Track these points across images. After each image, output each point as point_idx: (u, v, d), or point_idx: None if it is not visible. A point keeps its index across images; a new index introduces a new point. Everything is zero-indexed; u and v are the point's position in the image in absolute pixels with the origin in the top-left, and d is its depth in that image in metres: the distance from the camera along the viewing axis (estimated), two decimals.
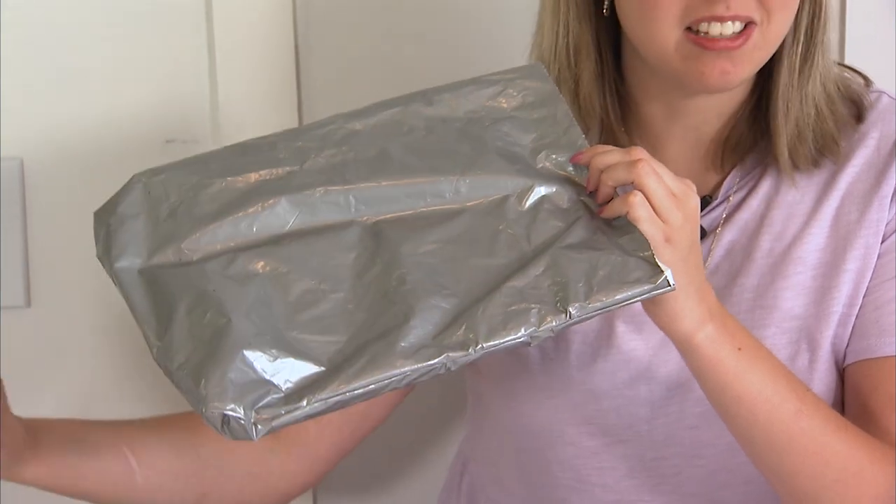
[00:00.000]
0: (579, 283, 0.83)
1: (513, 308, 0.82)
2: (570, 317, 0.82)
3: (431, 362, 0.81)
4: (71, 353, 1.39)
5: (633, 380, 1.02)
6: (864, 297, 1.02)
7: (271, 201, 0.87)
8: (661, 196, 0.86)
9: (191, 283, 0.85)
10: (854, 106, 1.06)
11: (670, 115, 1.06)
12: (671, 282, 0.82)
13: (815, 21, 1.02)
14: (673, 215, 0.86)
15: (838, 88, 1.06)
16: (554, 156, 0.92)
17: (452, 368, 0.81)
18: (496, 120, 0.94)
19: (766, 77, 1.04)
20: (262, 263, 0.85)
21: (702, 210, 1.05)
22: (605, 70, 1.07)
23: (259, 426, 0.79)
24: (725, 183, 1.05)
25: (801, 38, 1.02)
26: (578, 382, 1.04)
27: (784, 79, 1.02)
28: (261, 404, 0.79)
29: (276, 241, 0.86)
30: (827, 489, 0.93)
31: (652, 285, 0.82)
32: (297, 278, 0.85)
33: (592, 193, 0.90)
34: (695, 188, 0.89)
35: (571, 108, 1.04)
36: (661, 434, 1.03)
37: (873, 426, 0.99)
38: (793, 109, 1.02)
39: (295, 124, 1.40)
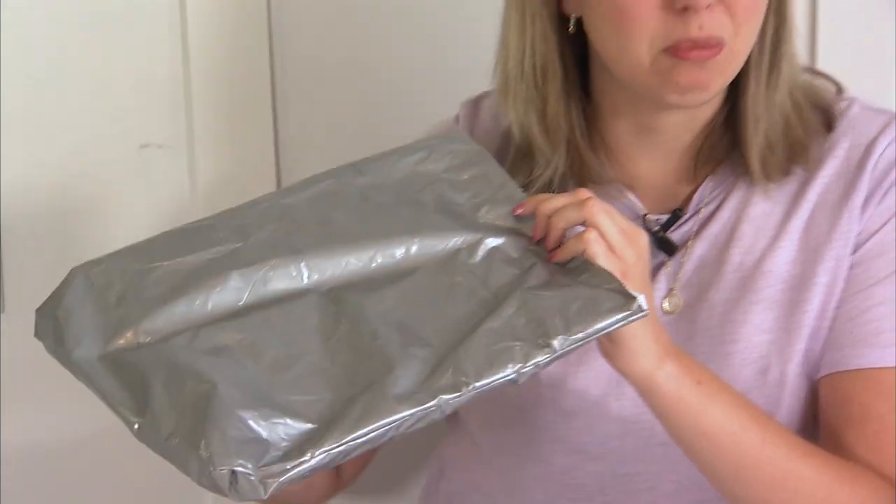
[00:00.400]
0: (555, 319, 0.84)
1: (495, 347, 0.83)
2: (554, 351, 0.82)
3: (427, 405, 0.81)
4: (46, 356, 1.28)
5: (603, 396, 1.03)
6: (836, 308, 1.02)
7: (222, 278, 0.88)
8: (614, 233, 0.87)
9: (159, 360, 0.85)
10: (823, 114, 1.07)
11: (640, 131, 1.06)
12: (644, 307, 0.83)
13: (780, 31, 1.02)
14: (627, 252, 0.86)
15: (807, 96, 1.07)
16: (494, 210, 0.93)
17: (447, 411, 0.81)
18: (429, 182, 0.96)
19: (734, 90, 1.04)
20: (226, 336, 0.86)
21: (672, 224, 1.06)
22: (571, 88, 1.07)
23: (268, 482, 0.78)
24: (696, 196, 1.05)
25: (767, 49, 1.03)
26: (549, 401, 1.04)
27: (752, 89, 1.02)
28: (264, 461, 0.79)
29: (233, 316, 0.87)
30: None
31: (628, 311, 0.83)
32: (264, 346, 0.85)
33: (540, 242, 0.91)
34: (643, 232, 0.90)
35: (538, 128, 1.05)
36: (632, 449, 1.03)
37: (841, 441, 1.00)
38: (761, 120, 1.03)
39: (269, 128, 1.42)
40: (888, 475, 0.97)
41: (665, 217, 1.07)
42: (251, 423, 0.80)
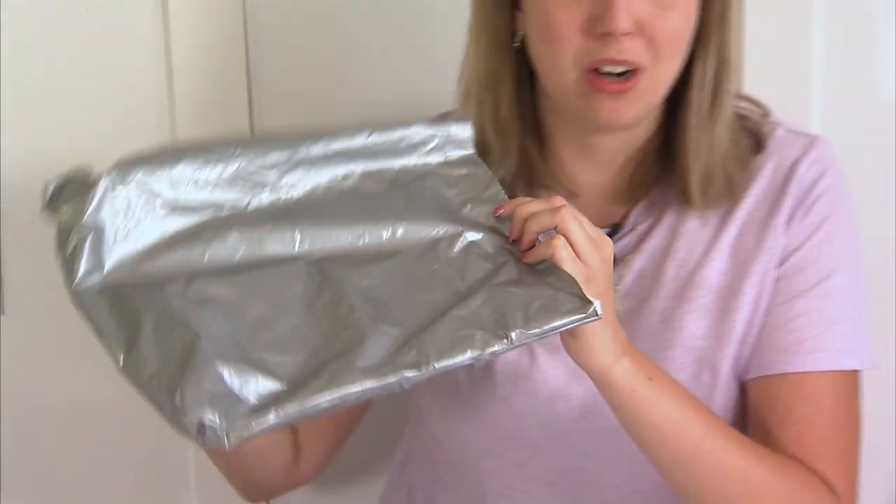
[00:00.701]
0: (517, 313, 0.86)
1: (459, 333, 0.85)
2: (511, 341, 0.85)
3: (388, 380, 0.83)
4: (45, 358, 1.38)
5: (552, 398, 1.04)
6: (763, 317, 1.04)
7: (222, 233, 0.90)
8: (581, 239, 0.89)
9: (153, 302, 0.86)
10: (753, 137, 1.07)
11: (580, 151, 1.07)
12: (599, 311, 0.85)
13: (721, 71, 1.03)
14: (593, 258, 0.88)
15: (739, 124, 1.07)
16: (478, 208, 0.95)
17: (406, 387, 0.83)
18: (423, 174, 0.98)
19: (671, 118, 1.06)
20: (217, 289, 0.87)
21: (612, 238, 1.06)
22: (525, 97, 1.08)
23: (231, 435, 0.80)
24: (632, 214, 1.07)
25: (709, 87, 1.03)
26: (501, 400, 1.05)
27: (693, 122, 1.03)
28: (232, 415, 0.80)
29: (227, 272, 0.89)
30: (731, 502, 0.97)
31: (584, 314, 0.86)
32: (251, 304, 0.86)
33: (515, 242, 0.93)
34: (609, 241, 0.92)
35: (491, 130, 1.07)
36: (579, 446, 1.05)
37: (770, 438, 1.02)
38: (702, 152, 1.04)
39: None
40: (815, 470, 1.00)
41: (605, 231, 1.05)
42: (226, 377, 0.81)
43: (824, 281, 1.03)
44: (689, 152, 1.03)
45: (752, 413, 1.04)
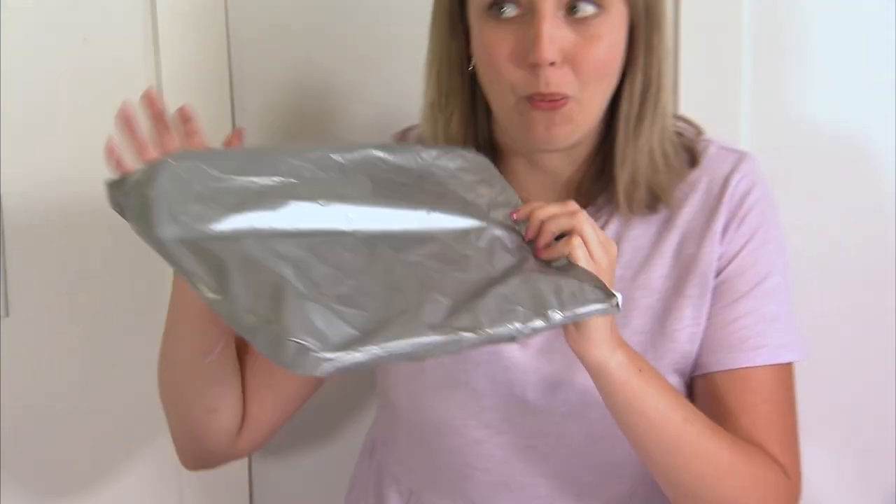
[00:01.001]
0: (551, 297, 0.89)
1: (504, 307, 0.88)
2: (549, 321, 0.88)
3: (450, 338, 0.84)
4: (49, 358, 1.39)
5: (509, 382, 1.07)
6: (708, 319, 1.07)
7: (281, 202, 0.92)
8: (595, 242, 0.93)
9: (235, 252, 0.87)
10: (688, 153, 1.10)
11: (531, 166, 1.10)
12: (620, 304, 0.90)
13: (646, 91, 1.05)
14: (602, 258, 0.93)
15: (675, 142, 1.09)
16: (495, 211, 1.00)
17: (462, 348, 0.85)
18: (445, 176, 1.03)
19: (609, 136, 1.08)
20: (286, 248, 0.89)
21: None
22: (475, 120, 1.11)
23: (325, 362, 0.79)
24: None
25: (635, 104, 1.05)
26: (464, 383, 1.08)
27: (620, 137, 1.05)
28: (327, 345, 0.80)
29: (290, 235, 0.90)
30: (703, 481, 1.00)
31: (608, 304, 0.90)
32: (316, 264, 0.88)
33: (531, 242, 0.97)
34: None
35: (443, 140, 1.10)
36: (532, 427, 1.08)
37: (726, 427, 1.04)
38: (627, 162, 1.06)
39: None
40: (767, 453, 1.04)
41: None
42: (316, 314, 0.82)
43: (762, 283, 1.06)
44: (616, 162, 1.06)
45: (702, 405, 1.06)
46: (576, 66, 0.99)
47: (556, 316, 0.88)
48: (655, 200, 1.08)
